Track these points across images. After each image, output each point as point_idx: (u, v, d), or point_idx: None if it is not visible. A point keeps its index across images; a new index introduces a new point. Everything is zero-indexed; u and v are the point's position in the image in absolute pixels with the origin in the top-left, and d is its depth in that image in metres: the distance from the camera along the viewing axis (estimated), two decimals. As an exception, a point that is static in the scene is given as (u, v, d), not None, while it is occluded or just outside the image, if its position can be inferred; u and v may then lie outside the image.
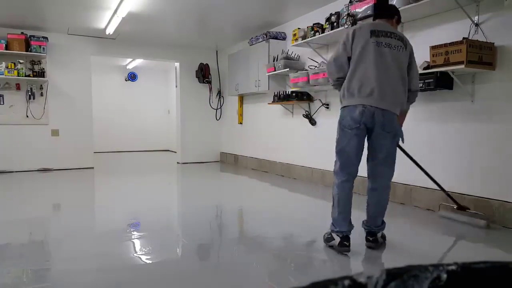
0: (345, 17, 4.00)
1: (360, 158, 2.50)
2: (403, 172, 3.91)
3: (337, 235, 2.50)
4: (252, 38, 6.17)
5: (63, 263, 2.40)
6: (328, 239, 2.59)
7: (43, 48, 6.21)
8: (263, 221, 3.48)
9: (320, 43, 4.87)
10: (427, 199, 3.65)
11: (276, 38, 5.76)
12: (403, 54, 2.44)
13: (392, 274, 0.38)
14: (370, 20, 3.09)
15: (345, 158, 2.49)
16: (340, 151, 2.50)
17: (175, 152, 8.56)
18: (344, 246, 2.46)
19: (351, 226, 2.54)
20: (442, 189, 3.22)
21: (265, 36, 5.81)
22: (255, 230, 3.29)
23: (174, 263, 2.49)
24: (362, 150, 2.49)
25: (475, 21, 3.18)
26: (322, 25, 4.59)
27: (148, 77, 10.68)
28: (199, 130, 7.88)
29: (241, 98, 7.26)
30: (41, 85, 6.42)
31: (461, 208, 3.19)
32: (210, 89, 7.88)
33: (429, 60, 3.29)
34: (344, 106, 2.45)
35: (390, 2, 3.57)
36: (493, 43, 3.06)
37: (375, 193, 2.56)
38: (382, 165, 2.52)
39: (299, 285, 0.40)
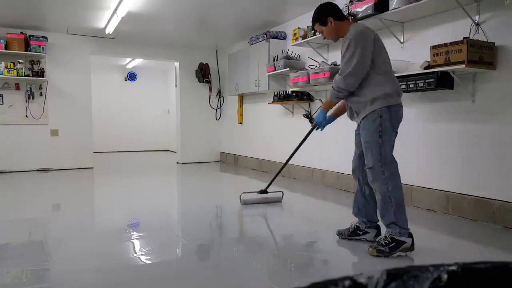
0: (345, 17, 3.99)
1: None
2: (403, 172, 3.91)
3: (407, 236, 2.40)
4: (252, 37, 6.17)
5: (63, 263, 2.40)
6: (399, 244, 2.39)
7: (43, 47, 6.21)
8: (263, 221, 3.48)
9: (321, 43, 4.87)
10: (428, 199, 3.65)
11: (276, 37, 5.76)
12: None
13: (393, 275, 0.37)
14: (364, 22, 3.13)
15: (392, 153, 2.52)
16: (391, 150, 2.48)
17: (175, 152, 8.56)
18: (413, 244, 2.43)
19: None
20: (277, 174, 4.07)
21: (265, 36, 5.80)
22: (255, 230, 3.29)
23: (174, 263, 2.49)
24: None
25: (476, 21, 3.18)
26: (322, 24, 4.58)
27: (147, 76, 10.68)
28: (199, 130, 7.88)
29: (241, 98, 7.26)
30: (40, 85, 6.42)
31: (263, 192, 4.01)
32: (210, 89, 7.88)
33: (429, 60, 3.28)
34: (390, 105, 2.42)
35: (390, 2, 3.57)
36: (494, 43, 3.06)
37: None
38: None
39: (299, 285, 0.40)
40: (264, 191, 4.02)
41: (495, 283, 0.38)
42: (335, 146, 4.78)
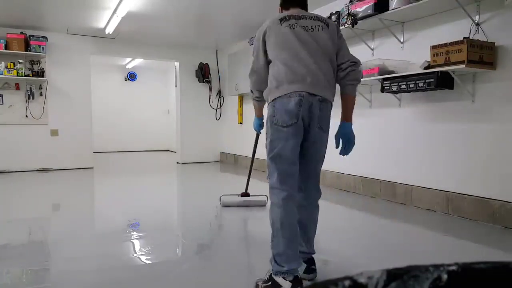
0: (345, 17, 4.00)
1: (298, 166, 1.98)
2: (403, 172, 3.92)
3: (285, 277, 1.83)
4: (252, 37, 6.16)
5: (63, 263, 2.40)
6: (274, 286, 1.86)
7: (43, 47, 6.21)
8: (263, 221, 3.47)
9: (320, 43, 4.86)
10: (428, 199, 3.65)
11: (276, 37, 5.75)
12: (324, 32, 1.98)
13: (393, 275, 0.37)
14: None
15: (285, 167, 1.91)
16: (275, 157, 1.92)
17: (175, 152, 8.56)
18: None
19: (301, 263, 1.96)
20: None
21: (265, 36, 5.80)
22: (256, 229, 3.29)
23: (174, 263, 2.49)
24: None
25: (476, 21, 3.18)
26: (322, 24, 4.58)
27: (147, 76, 10.68)
28: (199, 130, 7.88)
29: (241, 98, 7.26)
30: (40, 85, 6.42)
31: (244, 195, 3.90)
32: (210, 89, 7.88)
33: (429, 60, 3.29)
34: (274, 99, 1.93)
35: (390, 2, 3.58)
36: (494, 42, 3.06)
37: (304, 211, 2.05)
38: (313, 177, 2.06)
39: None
40: (245, 194, 3.92)
41: (495, 283, 0.38)
42: (335, 146, 4.78)
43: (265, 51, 2.03)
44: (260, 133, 2.58)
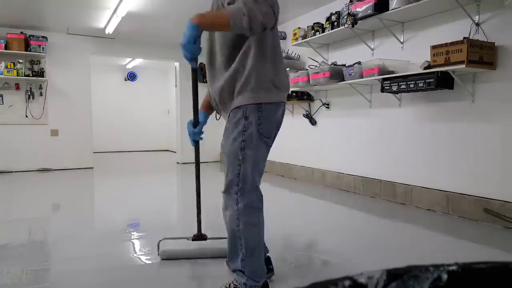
0: (345, 17, 4.00)
1: None
2: (403, 172, 3.92)
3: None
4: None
5: (63, 263, 2.40)
6: None
7: (43, 47, 6.21)
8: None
9: (321, 43, 4.87)
10: (428, 199, 3.65)
11: (276, 37, 5.76)
12: None
13: (393, 275, 0.37)
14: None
15: (259, 178, 1.77)
16: (259, 172, 1.75)
17: (175, 152, 8.56)
18: None
19: None
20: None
21: (265, 36, 5.80)
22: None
23: (174, 263, 2.48)
24: None
25: (476, 21, 3.18)
26: (323, 24, 4.59)
27: (147, 77, 10.68)
28: (199, 130, 7.87)
29: (241, 98, 7.25)
30: (40, 85, 6.42)
31: (198, 238, 2.50)
32: (210, 89, 7.88)
33: (429, 60, 3.29)
34: (262, 103, 1.66)
35: (390, 2, 3.58)
36: (494, 42, 3.06)
37: None
38: None
39: (299, 285, 0.40)
40: (199, 237, 2.50)
41: (495, 283, 0.38)
42: (335, 146, 4.78)
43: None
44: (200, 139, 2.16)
